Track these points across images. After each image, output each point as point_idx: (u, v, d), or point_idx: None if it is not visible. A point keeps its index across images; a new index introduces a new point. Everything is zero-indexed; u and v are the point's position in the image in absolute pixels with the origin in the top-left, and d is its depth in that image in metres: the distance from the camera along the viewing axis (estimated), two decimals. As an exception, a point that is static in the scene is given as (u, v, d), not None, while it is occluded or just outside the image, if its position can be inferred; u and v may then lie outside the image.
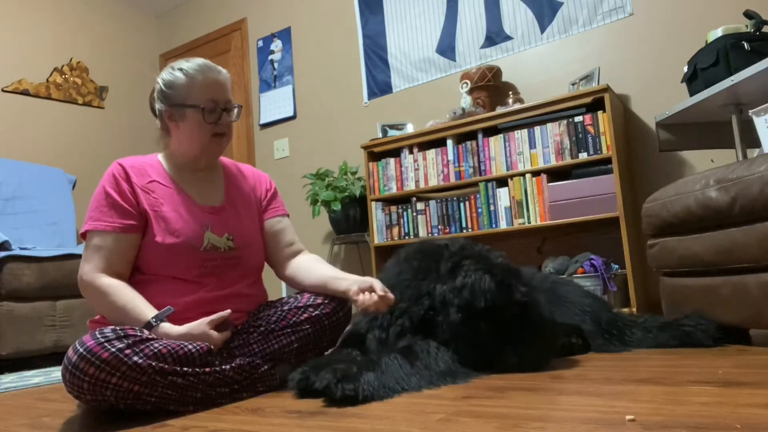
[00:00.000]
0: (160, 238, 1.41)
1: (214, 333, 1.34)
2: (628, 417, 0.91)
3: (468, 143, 3.05)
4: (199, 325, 1.34)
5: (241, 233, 1.54)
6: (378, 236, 3.30)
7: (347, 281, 1.50)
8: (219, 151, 1.55)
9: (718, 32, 2.09)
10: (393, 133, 3.45)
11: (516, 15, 3.30)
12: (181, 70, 1.49)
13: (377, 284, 1.46)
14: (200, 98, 1.47)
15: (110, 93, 4.63)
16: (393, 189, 3.28)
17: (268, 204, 1.67)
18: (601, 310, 1.76)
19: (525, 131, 2.89)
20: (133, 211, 1.42)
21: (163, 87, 1.50)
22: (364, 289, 1.46)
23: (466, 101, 3.19)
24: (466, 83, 3.22)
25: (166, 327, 1.32)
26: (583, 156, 2.72)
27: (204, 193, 1.55)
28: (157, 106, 1.52)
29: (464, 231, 3.02)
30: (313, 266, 1.61)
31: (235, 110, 1.55)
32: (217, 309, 1.45)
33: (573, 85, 2.99)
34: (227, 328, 1.39)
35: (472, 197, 3.02)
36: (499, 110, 2.98)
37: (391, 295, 1.44)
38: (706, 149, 2.62)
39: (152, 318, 1.32)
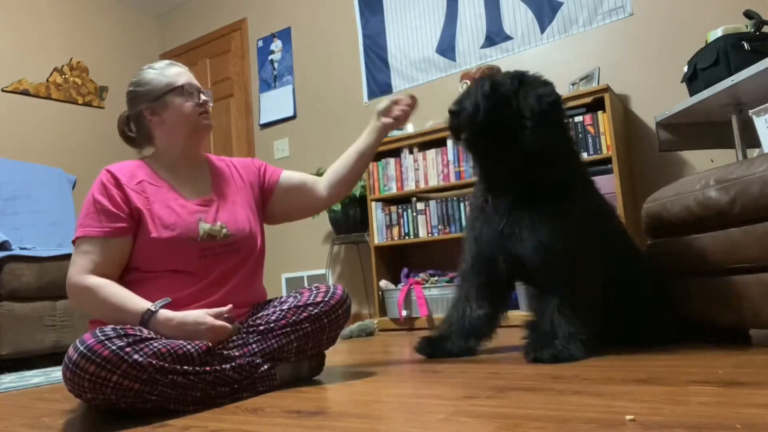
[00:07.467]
0: (155, 234, 1.42)
1: (214, 319, 1.35)
2: (628, 417, 0.91)
3: (468, 143, 3.04)
4: (200, 312, 1.35)
5: (234, 220, 1.55)
6: (378, 236, 3.30)
7: (372, 129, 1.73)
8: (207, 129, 1.59)
9: (718, 32, 2.09)
10: (393, 133, 3.44)
11: (516, 15, 3.30)
12: (149, 67, 1.56)
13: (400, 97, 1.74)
14: (176, 82, 1.53)
15: (110, 93, 4.63)
16: (393, 189, 3.28)
17: (264, 176, 1.71)
18: None
19: (525, 131, 2.88)
20: (123, 215, 1.42)
21: (135, 89, 1.54)
22: (389, 111, 1.72)
23: (466, 101, 3.18)
24: (466, 83, 3.22)
25: (167, 313, 1.33)
26: (583, 156, 2.71)
27: (192, 187, 1.56)
28: (134, 111, 1.55)
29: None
30: (338, 165, 1.74)
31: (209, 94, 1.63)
32: (220, 302, 1.45)
33: (573, 85, 2.99)
34: (230, 323, 1.40)
35: (472, 197, 3.01)
36: (499, 110, 2.98)
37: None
38: (706, 149, 2.62)
39: (152, 306, 1.33)
